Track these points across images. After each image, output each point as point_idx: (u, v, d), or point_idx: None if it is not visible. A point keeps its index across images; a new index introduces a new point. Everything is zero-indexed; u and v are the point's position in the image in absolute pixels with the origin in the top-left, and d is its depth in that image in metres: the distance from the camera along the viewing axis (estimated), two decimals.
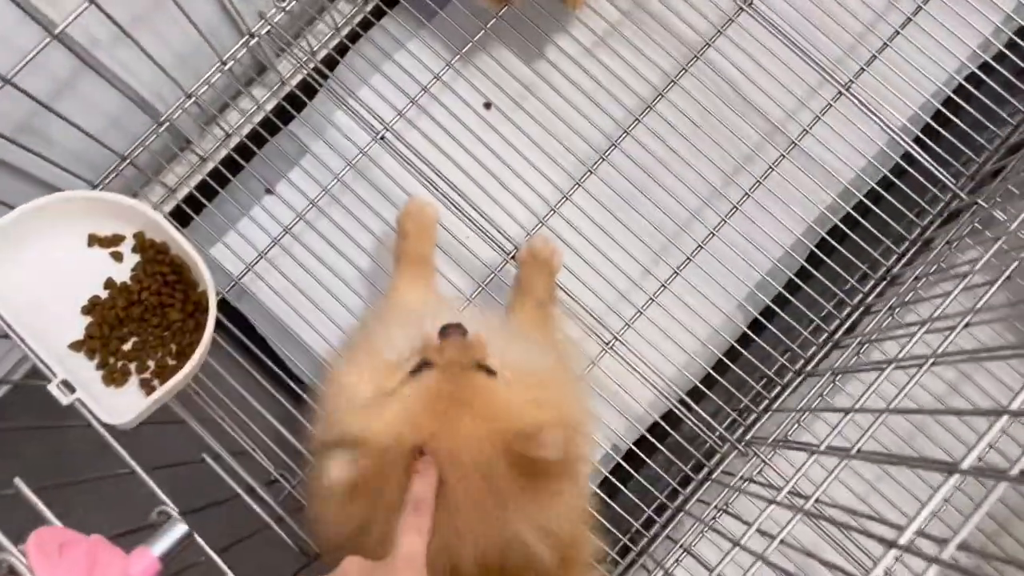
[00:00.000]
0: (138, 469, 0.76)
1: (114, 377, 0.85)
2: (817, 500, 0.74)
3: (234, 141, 1.15)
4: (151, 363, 0.87)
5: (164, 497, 0.73)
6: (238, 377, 1.09)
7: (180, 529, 0.66)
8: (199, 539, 0.72)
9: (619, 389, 1.06)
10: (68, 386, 0.77)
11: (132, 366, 0.86)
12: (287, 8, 1.04)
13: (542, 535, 0.72)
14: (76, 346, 0.85)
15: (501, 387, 0.75)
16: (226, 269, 1.12)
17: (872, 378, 0.80)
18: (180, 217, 1.13)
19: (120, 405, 0.81)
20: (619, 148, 1.14)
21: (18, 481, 0.60)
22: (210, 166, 1.15)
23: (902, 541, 0.53)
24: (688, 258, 1.11)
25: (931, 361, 0.75)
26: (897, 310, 1.03)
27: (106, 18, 0.82)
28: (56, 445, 1.16)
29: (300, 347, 1.11)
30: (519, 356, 0.80)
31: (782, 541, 0.73)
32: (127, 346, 0.87)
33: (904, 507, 1.12)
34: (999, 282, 0.81)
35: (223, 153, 1.15)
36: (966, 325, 0.76)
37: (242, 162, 1.14)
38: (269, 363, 1.09)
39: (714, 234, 1.11)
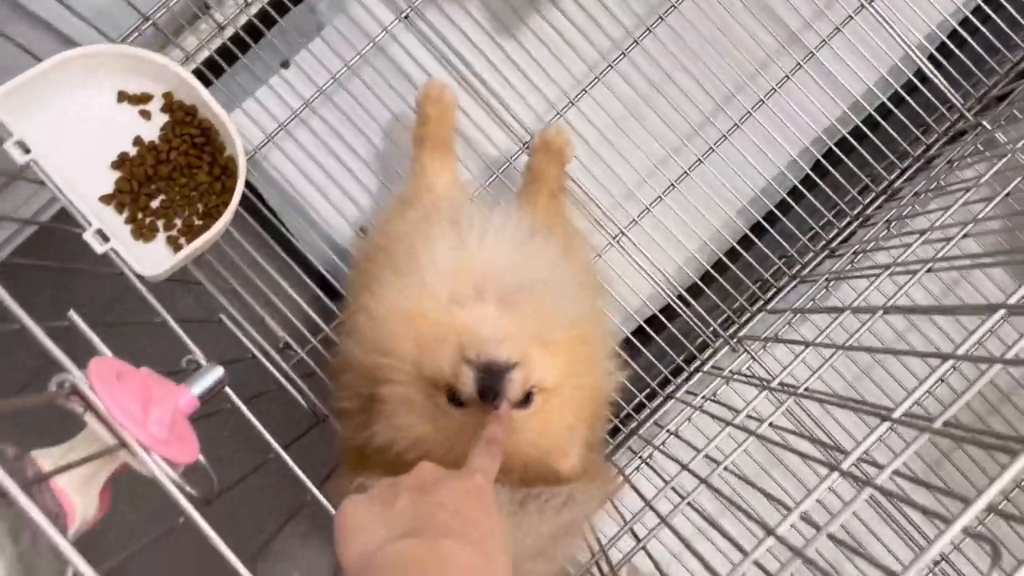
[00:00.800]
0: (169, 319, 0.79)
1: (142, 232, 0.88)
2: (807, 388, 0.79)
3: (254, 8, 1.14)
4: (178, 221, 0.89)
5: (193, 346, 0.77)
6: (252, 246, 1.13)
7: (217, 371, 0.70)
8: (228, 389, 0.77)
9: (622, 281, 1.10)
10: (103, 235, 0.80)
11: (160, 223, 0.89)
12: None
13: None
14: (106, 199, 0.87)
15: (533, 420, 0.75)
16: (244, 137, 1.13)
17: (864, 286, 0.85)
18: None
19: (148, 259, 0.84)
20: (640, 45, 1.15)
21: (72, 314, 0.63)
22: (229, 32, 1.14)
23: (897, 415, 0.58)
24: (699, 159, 1.14)
25: (926, 267, 0.80)
26: (893, 224, 1.07)
27: None
28: (67, 300, 1.19)
29: (311, 222, 1.14)
30: (555, 314, 0.79)
31: (772, 424, 0.79)
32: (155, 203, 0.89)
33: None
34: (997, 199, 0.84)
35: (243, 20, 1.15)
36: (964, 236, 0.81)
37: (263, 29, 1.13)
38: (279, 240, 1.12)
39: (726, 137, 1.13)
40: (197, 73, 1.13)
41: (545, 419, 0.76)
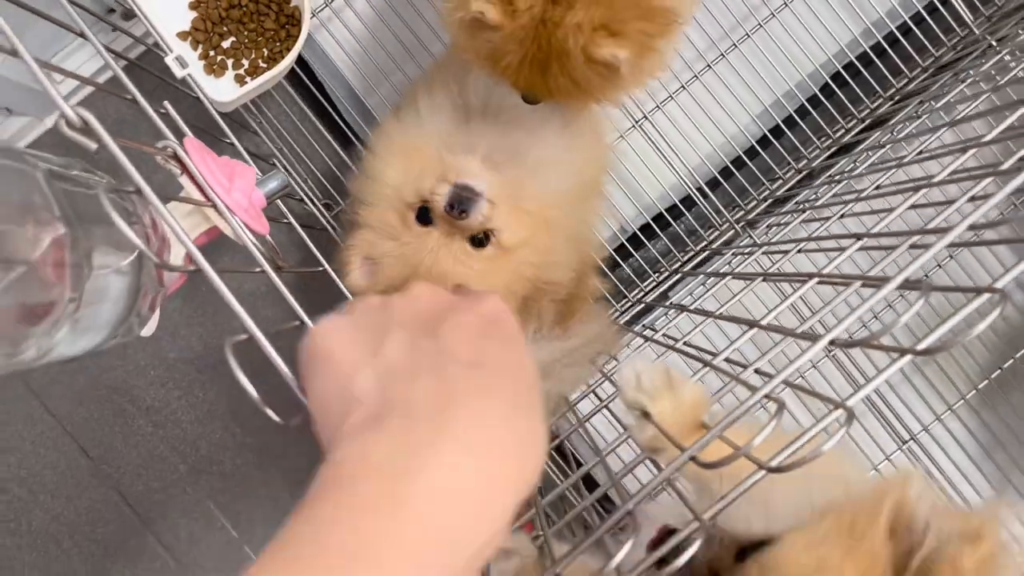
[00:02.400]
0: (236, 142, 0.88)
1: (213, 68, 0.97)
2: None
3: None
4: (245, 62, 0.98)
5: (256, 169, 0.86)
6: (296, 118, 1.23)
7: (281, 176, 0.79)
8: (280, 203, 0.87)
9: (643, 166, 1.18)
10: (181, 62, 0.89)
11: (229, 62, 0.98)
12: None
13: None
14: (183, 35, 0.96)
15: (475, 270, 0.86)
16: None
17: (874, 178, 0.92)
18: None
19: (219, 89, 0.93)
20: None
21: (167, 104, 0.72)
22: None
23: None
24: (721, 55, 1.20)
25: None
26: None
27: None
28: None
29: (355, 98, 1.22)
30: (533, 187, 0.88)
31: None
32: (226, 43, 0.98)
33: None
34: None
35: None
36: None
37: None
38: (326, 109, 1.21)
39: (761, 26, 1.18)
40: None
41: (485, 273, 0.86)
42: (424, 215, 0.86)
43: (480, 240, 0.86)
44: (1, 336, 0.50)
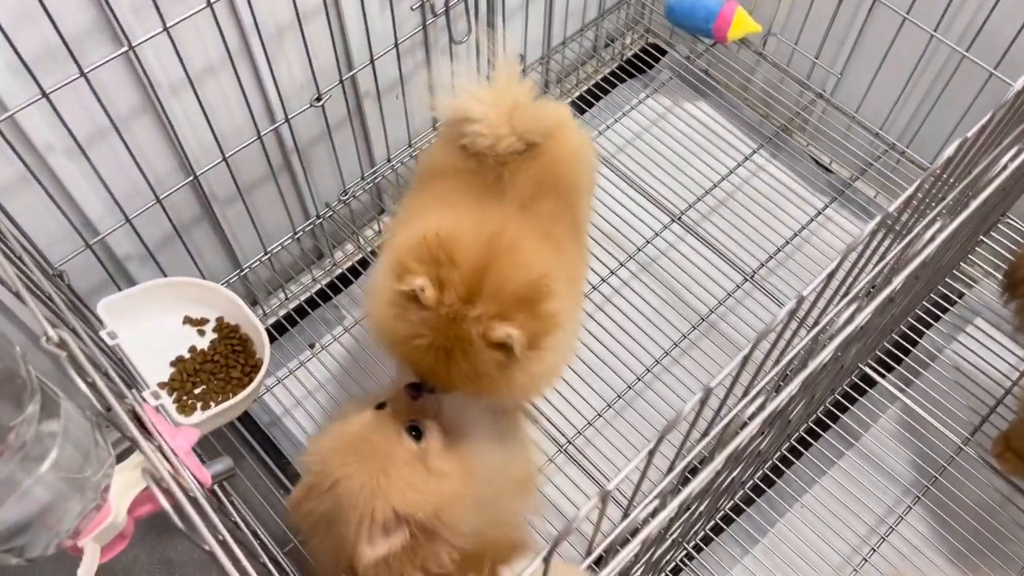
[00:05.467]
0: None
1: (184, 409, 1.14)
2: None
3: (292, 304, 1.53)
4: (212, 403, 1.15)
5: None
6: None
7: (228, 461, 0.90)
8: None
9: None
10: (156, 395, 1.06)
11: (199, 404, 1.15)
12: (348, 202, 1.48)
13: None
14: (161, 385, 1.15)
15: (405, 454, 0.95)
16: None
17: None
18: None
19: (185, 422, 1.09)
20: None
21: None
22: (271, 320, 1.51)
23: None
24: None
25: None
26: None
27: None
28: None
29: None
30: (470, 451, 1.01)
31: None
32: (197, 391, 1.16)
33: None
34: None
35: (282, 312, 1.52)
36: None
37: (297, 318, 1.50)
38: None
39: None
40: None
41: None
42: None
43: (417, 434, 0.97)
44: None
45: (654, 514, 0.54)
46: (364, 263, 1.57)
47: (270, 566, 0.84)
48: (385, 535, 0.90)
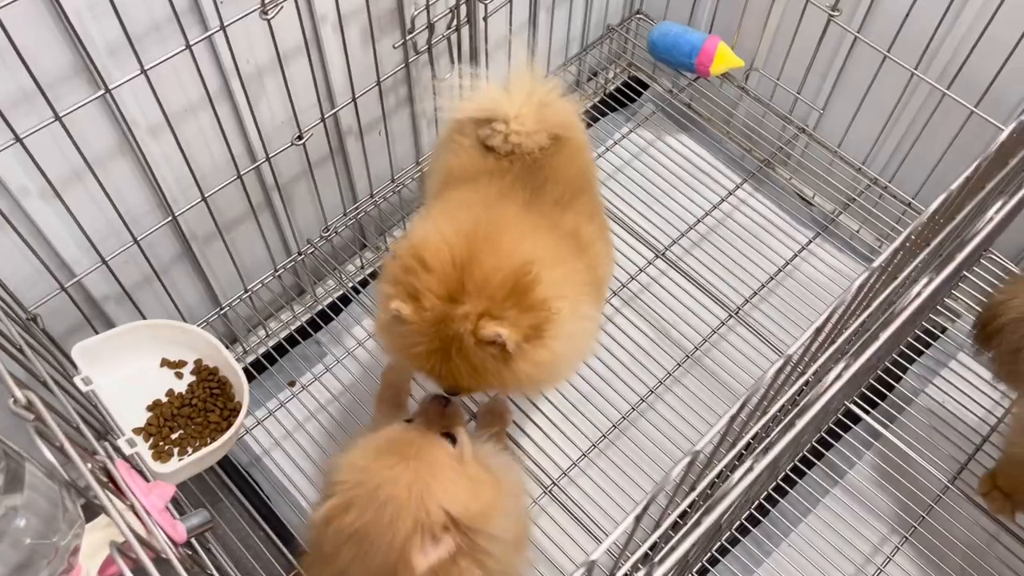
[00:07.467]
0: None
1: (160, 455, 1.11)
2: None
3: (272, 341, 1.50)
4: (190, 449, 1.13)
5: None
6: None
7: (204, 514, 0.88)
8: None
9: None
10: (131, 443, 1.04)
11: (175, 450, 1.12)
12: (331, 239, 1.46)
13: None
14: (137, 431, 1.12)
15: (447, 457, 0.94)
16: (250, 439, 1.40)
17: None
18: None
19: (161, 470, 1.07)
20: None
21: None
22: (250, 358, 1.49)
23: None
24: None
25: None
26: None
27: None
28: None
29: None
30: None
31: None
32: (175, 436, 1.14)
33: None
34: None
35: (262, 349, 1.50)
36: None
37: (277, 356, 1.48)
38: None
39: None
40: None
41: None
42: None
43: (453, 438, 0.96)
44: None
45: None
46: (345, 299, 1.56)
47: None
48: (434, 543, 0.85)
